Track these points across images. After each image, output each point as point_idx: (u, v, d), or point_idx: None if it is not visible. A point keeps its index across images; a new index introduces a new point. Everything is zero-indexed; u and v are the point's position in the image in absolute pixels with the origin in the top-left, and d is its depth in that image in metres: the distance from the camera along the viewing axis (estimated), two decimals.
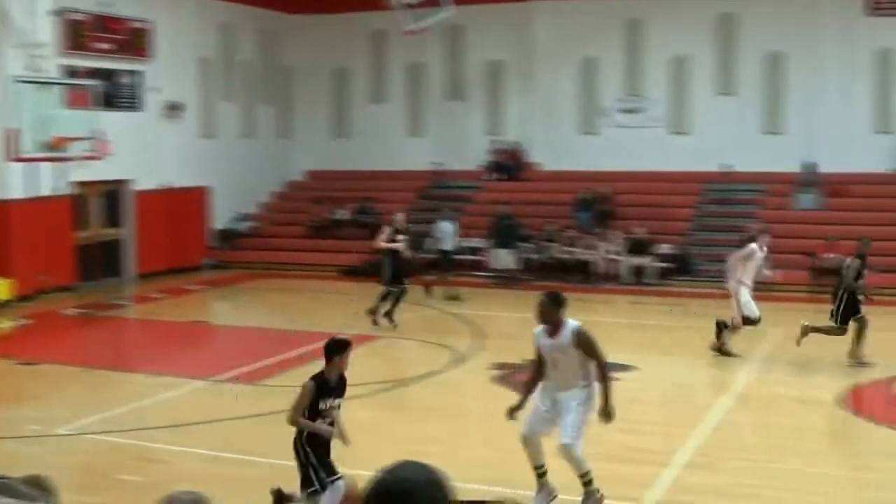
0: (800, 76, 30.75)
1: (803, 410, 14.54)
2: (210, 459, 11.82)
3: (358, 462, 8.96)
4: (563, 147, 32.59)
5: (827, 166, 29.80)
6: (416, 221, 31.03)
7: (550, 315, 9.99)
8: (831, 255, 26.36)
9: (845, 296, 17.29)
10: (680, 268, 28.05)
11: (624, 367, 16.10)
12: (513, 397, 14.88)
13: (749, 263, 17.66)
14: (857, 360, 17.07)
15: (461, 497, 9.34)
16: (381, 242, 21.61)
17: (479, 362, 17.33)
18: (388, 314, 21.03)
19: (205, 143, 31.46)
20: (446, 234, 26.63)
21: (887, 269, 26.52)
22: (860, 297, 17.45)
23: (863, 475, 11.37)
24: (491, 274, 27.98)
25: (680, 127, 32.01)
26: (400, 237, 21.66)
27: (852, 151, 29.89)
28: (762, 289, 25.86)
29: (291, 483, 9.64)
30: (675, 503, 10.22)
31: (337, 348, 9.61)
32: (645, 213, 29.62)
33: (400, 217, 22.42)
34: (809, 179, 29.92)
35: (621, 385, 15.27)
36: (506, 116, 33.69)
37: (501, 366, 16.78)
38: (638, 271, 27.82)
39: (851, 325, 17.21)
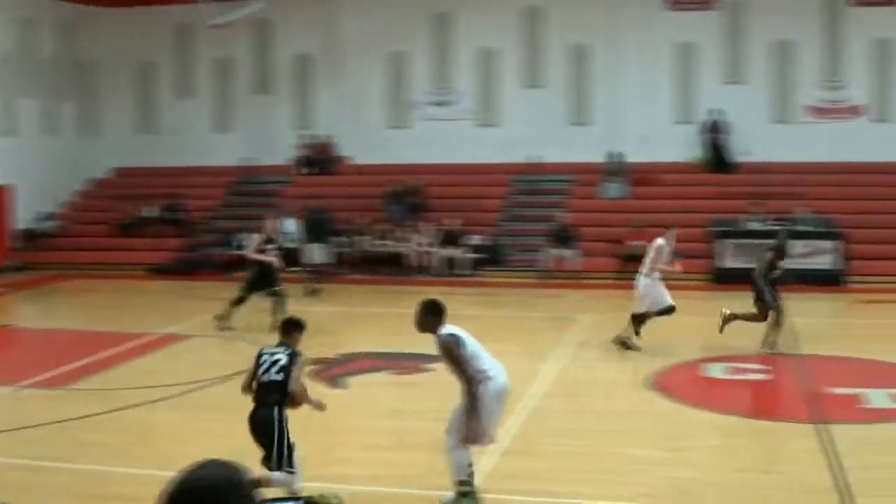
0: (604, 68, 31.46)
1: (615, 394, 14.83)
2: (16, 468, 11.38)
3: (171, 463, 8.74)
4: (373, 140, 32.59)
5: (632, 156, 30.57)
6: (226, 217, 30.75)
7: (424, 323, 9.78)
8: (638, 243, 27.05)
9: (766, 284, 17.64)
10: (491, 258, 28.34)
11: (439, 358, 16.20)
12: (328, 394, 14.79)
13: (657, 258, 17.64)
14: (771, 347, 17.47)
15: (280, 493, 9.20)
16: (252, 254, 20.28)
17: None
18: (224, 321, 19.88)
19: (4, 141, 30.36)
20: (289, 230, 26.22)
21: (690, 255, 27.35)
22: (767, 287, 17.69)
23: (672, 455, 11.63)
24: (304, 269, 27.77)
25: (489, 119, 32.37)
26: (270, 247, 20.39)
27: (655, 141, 30.75)
28: (572, 276, 26.46)
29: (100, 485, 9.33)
30: (494, 490, 10.28)
31: (299, 325, 10.16)
32: (456, 205, 29.83)
33: (271, 225, 21.07)
34: (615, 169, 30.61)
35: (435, 376, 15.30)
36: (315, 110, 33.50)
37: (316, 361, 16.63)
38: (450, 263, 28.01)
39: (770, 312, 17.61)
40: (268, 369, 9.64)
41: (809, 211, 27.33)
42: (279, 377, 9.55)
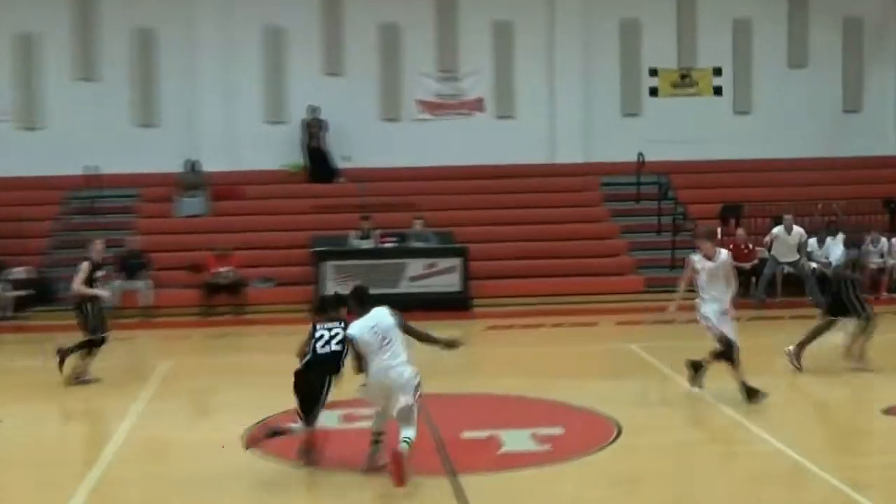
0: (175, 58, 31.16)
1: (204, 456, 14.50)
2: None
3: None
4: None
5: (212, 164, 30.41)
6: None
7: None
8: (224, 269, 26.87)
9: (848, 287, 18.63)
10: (39, 295, 27.42)
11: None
12: None
13: (696, 277, 16.61)
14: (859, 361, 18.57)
15: None
16: (82, 286, 18.74)
17: None
18: (81, 374, 18.68)
19: None
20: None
21: (286, 282, 27.44)
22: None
23: None
24: None
25: (31, 121, 31.44)
26: (100, 274, 19.24)
27: (241, 146, 30.75)
28: (145, 314, 26.00)
29: None
30: None
31: (343, 300, 13.19)
32: None
33: (99, 246, 19.76)
34: (192, 180, 30.34)
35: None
36: None
37: None
38: None
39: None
40: (328, 342, 12.51)
41: (424, 224, 27.98)
42: (339, 348, 12.47)
